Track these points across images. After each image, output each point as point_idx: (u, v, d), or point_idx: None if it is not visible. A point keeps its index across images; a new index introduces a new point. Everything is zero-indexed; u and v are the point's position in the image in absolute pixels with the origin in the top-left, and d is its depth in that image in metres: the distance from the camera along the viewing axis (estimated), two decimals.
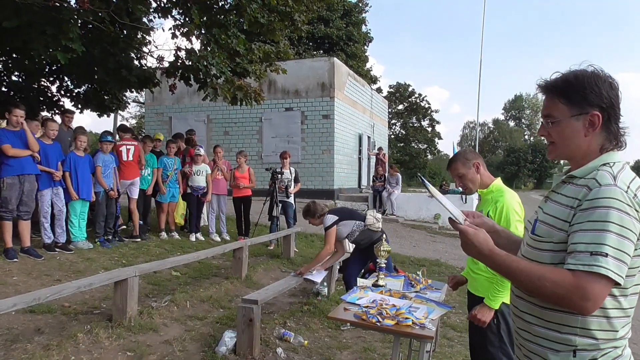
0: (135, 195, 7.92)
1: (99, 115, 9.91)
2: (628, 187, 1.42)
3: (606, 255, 1.33)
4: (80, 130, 7.61)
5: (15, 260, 5.76)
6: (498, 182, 3.11)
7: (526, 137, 72.43)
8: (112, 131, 10.32)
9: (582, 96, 1.49)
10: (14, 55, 8.38)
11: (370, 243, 5.30)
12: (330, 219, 5.36)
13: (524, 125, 75.23)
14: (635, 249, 1.40)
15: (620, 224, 1.36)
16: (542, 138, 1.65)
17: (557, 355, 1.49)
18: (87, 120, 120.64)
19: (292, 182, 9.05)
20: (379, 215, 5.57)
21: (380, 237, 4.84)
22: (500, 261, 1.51)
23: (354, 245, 5.74)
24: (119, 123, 15.75)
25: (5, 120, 5.82)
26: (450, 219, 1.72)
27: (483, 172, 3.08)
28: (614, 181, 1.41)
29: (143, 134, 14.00)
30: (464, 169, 3.06)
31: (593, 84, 1.48)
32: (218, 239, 8.98)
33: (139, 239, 7.89)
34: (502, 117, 77.60)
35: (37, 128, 6.72)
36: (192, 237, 8.68)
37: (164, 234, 8.49)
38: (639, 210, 1.39)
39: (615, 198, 1.38)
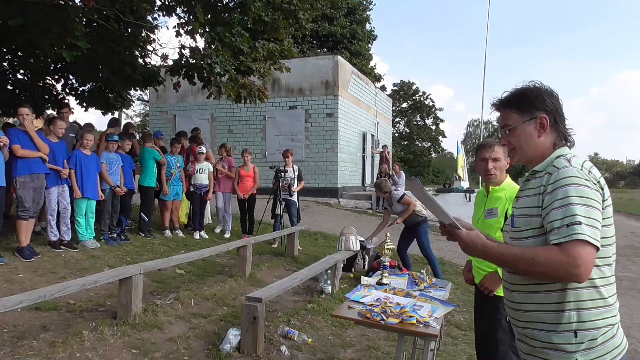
0: None
1: (104, 114, 9.92)
2: (582, 166, 1.65)
3: (580, 223, 1.52)
4: (88, 128, 7.63)
5: (32, 259, 5.79)
6: (510, 180, 3.13)
7: None
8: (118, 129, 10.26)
9: (529, 103, 1.79)
10: (19, 54, 8.40)
11: (414, 224, 7.05)
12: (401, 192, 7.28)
13: None
14: (604, 218, 1.61)
15: (583, 195, 1.56)
16: None
17: (560, 337, 1.62)
18: (92, 118, 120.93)
19: (295, 181, 9.06)
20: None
21: (423, 221, 7.06)
22: (494, 252, 1.71)
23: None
24: (123, 121, 15.79)
25: (12, 119, 5.87)
26: (449, 224, 1.83)
27: (505, 170, 3.11)
28: (569, 163, 1.65)
29: (147, 130, 14.03)
30: (502, 156, 3.05)
31: (536, 92, 1.79)
32: (228, 235, 9.13)
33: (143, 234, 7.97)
34: None
35: (35, 122, 6.70)
36: (196, 235, 8.71)
37: (168, 232, 8.51)
38: (596, 183, 1.62)
39: (573, 175, 1.60)
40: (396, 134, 42.93)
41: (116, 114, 11.47)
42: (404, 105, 46.10)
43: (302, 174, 9.37)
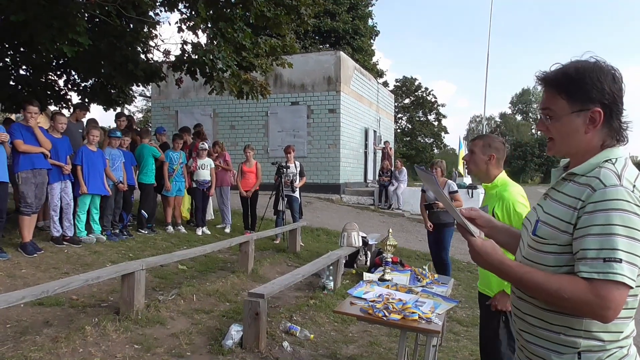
0: None
1: (106, 109, 9.95)
2: (634, 186, 1.37)
3: (620, 261, 1.29)
4: (93, 124, 7.64)
5: (35, 255, 5.80)
6: (502, 175, 3.06)
7: (533, 131, 71.91)
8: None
9: (584, 92, 1.43)
10: (22, 49, 8.41)
11: (444, 223, 6.61)
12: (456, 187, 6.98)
13: (531, 120, 74.79)
14: None
15: (630, 225, 1.31)
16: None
17: (561, 357, 1.46)
18: (94, 114, 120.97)
19: (297, 177, 9.06)
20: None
21: (452, 223, 6.50)
22: (511, 272, 1.49)
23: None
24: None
25: (14, 114, 5.87)
26: (459, 225, 1.71)
27: (493, 166, 3.04)
28: (619, 181, 1.36)
29: (146, 127, 14.05)
30: (478, 150, 3.05)
31: (595, 78, 1.42)
32: (228, 230, 9.16)
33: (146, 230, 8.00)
34: (509, 111, 77.26)
35: (43, 119, 6.74)
36: (199, 231, 8.72)
37: (170, 228, 8.53)
38: None
39: (623, 199, 1.33)
40: (398, 130, 42.86)
41: (118, 110, 11.48)
42: (407, 101, 46.02)
43: (304, 170, 9.37)
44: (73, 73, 9.38)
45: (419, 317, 2.79)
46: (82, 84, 9.48)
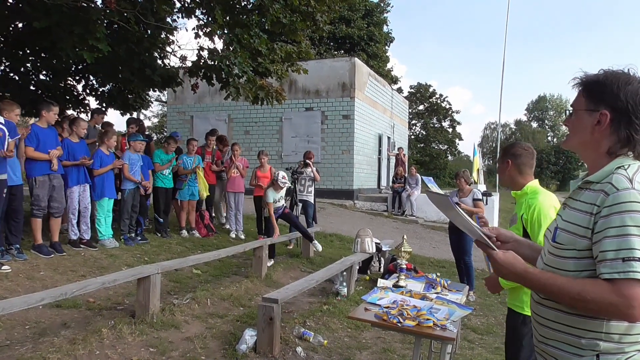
0: None
1: (122, 114, 10.09)
2: None
3: (639, 259, 1.33)
4: (108, 128, 7.76)
5: (52, 255, 5.88)
6: (533, 183, 2.97)
7: (549, 138, 71.25)
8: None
9: (600, 93, 1.52)
10: (43, 55, 8.56)
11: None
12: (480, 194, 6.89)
13: (547, 127, 74.04)
14: None
15: None
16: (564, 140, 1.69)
17: None
18: (110, 118, 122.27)
19: (313, 182, 9.13)
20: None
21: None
22: (535, 280, 1.53)
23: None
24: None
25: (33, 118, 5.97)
26: (477, 241, 1.75)
27: (514, 172, 2.99)
28: (631, 184, 1.41)
29: (165, 133, 14.19)
30: (500, 159, 3.16)
31: (616, 85, 1.49)
32: (233, 236, 9.22)
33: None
34: (524, 118, 76.61)
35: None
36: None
37: (184, 232, 8.59)
38: None
39: (635, 201, 1.38)
40: (412, 137, 42.74)
41: (135, 115, 11.63)
42: (421, 107, 45.88)
43: (317, 170, 9.52)
44: (92, 78, 9.53)
45: (433, 324, 2.78)
46: (100, 89, 9.63)
